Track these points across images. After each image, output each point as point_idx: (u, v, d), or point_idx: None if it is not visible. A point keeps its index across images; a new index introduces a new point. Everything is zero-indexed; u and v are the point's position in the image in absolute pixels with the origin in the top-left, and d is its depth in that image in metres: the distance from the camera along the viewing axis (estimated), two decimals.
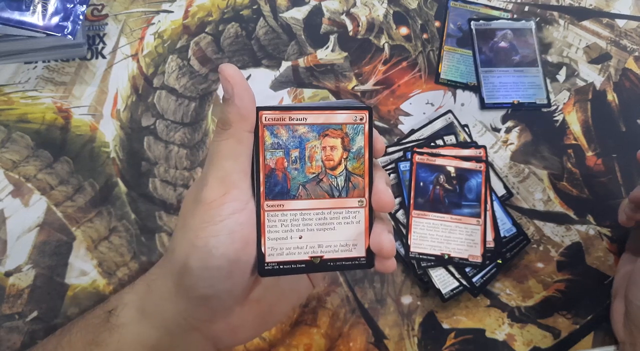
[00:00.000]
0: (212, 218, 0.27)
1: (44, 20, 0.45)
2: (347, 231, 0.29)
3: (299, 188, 0.29)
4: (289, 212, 0.29)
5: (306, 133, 0.29)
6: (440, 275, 0.46)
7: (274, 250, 0.29)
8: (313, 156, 0.29)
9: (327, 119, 0.29)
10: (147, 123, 0.49)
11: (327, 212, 0.29)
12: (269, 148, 0.28)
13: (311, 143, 0.29)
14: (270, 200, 0.29)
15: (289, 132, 0.29)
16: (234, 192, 0.27)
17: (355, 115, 0.29)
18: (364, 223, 0.30)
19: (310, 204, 0.29)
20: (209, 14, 0.54)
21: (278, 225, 0.29)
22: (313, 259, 0.29)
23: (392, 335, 0.45)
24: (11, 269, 0.44)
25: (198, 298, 0.28)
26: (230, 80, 0.27)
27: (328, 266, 0.29)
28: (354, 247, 0.30)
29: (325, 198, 0.29)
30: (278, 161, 0.29)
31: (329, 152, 0.29)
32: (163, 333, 0.29)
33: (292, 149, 0.29)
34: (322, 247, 0.29)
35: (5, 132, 0.48)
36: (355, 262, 0.30)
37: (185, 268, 0.27)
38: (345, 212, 0.29)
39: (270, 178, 0.29)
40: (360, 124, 0.29)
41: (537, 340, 0.46)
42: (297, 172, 0.29)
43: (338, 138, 0.29)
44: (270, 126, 0.28)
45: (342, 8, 0.56)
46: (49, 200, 0.46)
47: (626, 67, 0.57)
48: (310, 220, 0.29)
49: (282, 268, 0.29)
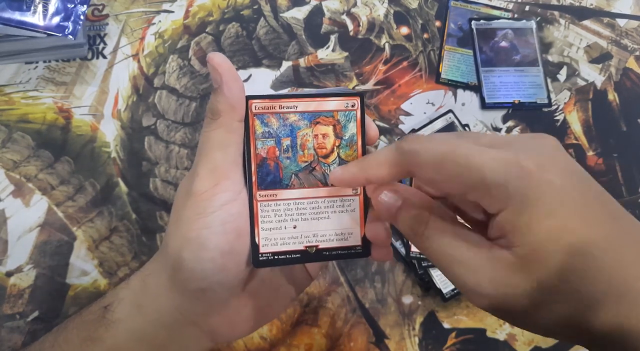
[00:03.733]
0: (204, 210, 0.26)
1: (45, 20, 0.45)
2: (342, 219, 0.29)
3: (292, 177, 0.28)
4: (282, 201, 0.28)
5: (297, 122, 0.28)
6: (441, 275, 0.46)
7: (268, 240, 0.28)
8: (305, 144, 0.28)
9: (318, 107, 0.28)
10: (148, 123, 0.50)
11: (321, 200, 0.29)
12: (259, 138, 0.28)
13: (303, 132, 0.28)
14: (263, 190, 0.28)
15: (279, 120, 0.28)
16: (225, 182, 0.27)
17: (347, 102, 0.28)
18: (359, 211, 0.29)
19: (303, 193, 0.29)
20: (210, 14, 0.54)
21: (272, 215, 0.28)
22: (308, 249, 0.29)
23: (393, 335, 0.45)
24: (12, 269, 0.44)
25: (193, 292, 0.28)
26: (218, 69, 0.26)
27: (324, 256, 0.29)
28: (350, 236, 0.29)
29: (318, 187, 0.29)
30: (269, 150, 0.28)
31: (321, 140, 0.29)
32: (159, 328, 0.29)
33: (284, 138, 0.28)
34: (317, 236, 0.29)
35: (6, 132, 0.48)
36: (352, 251, 0.29)
37: (179, 262, 0.27)
38: (340, 201, 0.29)
39: (262, 167, 0.28)
40: (352, 111, 0.29)
41: (538, 339, 0.46)
42: (289, 160, 0.28)
43: (330, 126, 0.28)
44: (260, 115, 0.28)
45: (342, 8, 0.56)
46: (50, 200, 0.46)
47: (627, 66, 0.57)
48: (304, 209, 0.29)
49: (277, 258, 0.28)
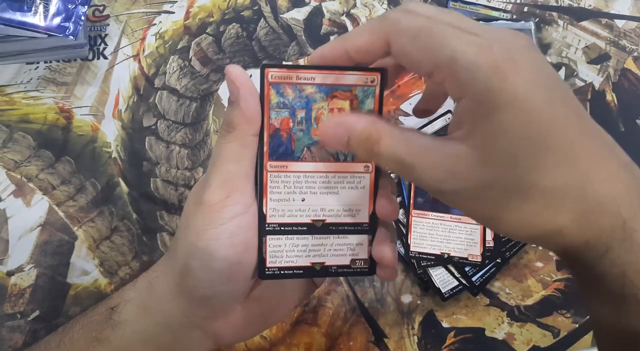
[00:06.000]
0: (214, 221, 0.27)
1: (46, 21, 0.46)
2: (351, 196, 0.29)
3: (304, 150, 0.28)
4: (292, 173, 0.28)
5: (313, 94, 0.27)
6: (440, 274, 0.46)
7: (276, 211, 0.28)
8: (319, 118, 0.28)
9: (336, 80, 0.27)
10: (149, 124, 0.50)
11: (331, 175, 0.28)
12: (274, 108, 0.27)
13: (318, 104, 0.28)
14: (274, 160, 0.28)
15: (295, 91, 0.27)
16: (236, 195, 0.27)
17: (367, 77, 0.27)
18: (368, 188, 0.29)
19: (314, 167, 0.28)
20: (210, 14, 0.54)
21: (281, 187, 0.28)
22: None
23: (392, 334, 0.45)
24: (13, 269, 0.44)
25: (199, 298, 0.28)
26: (236, 82, 0.27)
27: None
28: (357, 212, 0.29)
29: (330, 162, 0.28)
30: (283, 121, 0.27)
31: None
32: (165, 330, 0.29)
33: (298, 109, 0.27)
34: (324, 211, 0.29)
35: (7, 132, 0.48)
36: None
37: (187, 269, 0.28)
38: (350, 177, 0.29)
39: (274, 138, 0.28)
40: (371, 87, 0.28)
41: (537, 338, 0.46)
42: (302, 133, 0.28)
43: (347, 101, 0.28)
44: (276, 84, 0.27)
45: (342, 9, 0.56)
46: (51, 200, 0.46)
47: (625, 67, 0.57)
48: (314, 183, 0.28)
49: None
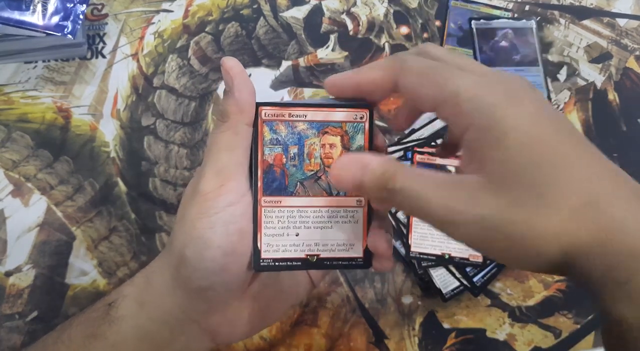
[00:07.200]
0: (208, 210, 0.27)
1: (44, 19, 0.45)
2: (345, 230, 0.29)
3: (297, 185, 0.29)
4: (286, 208, 0.29)
5: (305, 130, 0.28)
6: (440, 275, 0.46)
7: (270, 246, 0.28)
8: (312, 153, 0.29)
9: (327, 117, 0.28)
10: (147, 123, 0.49)
11: (324, 210, 0.29)
12: (267, 144, 0.28)
13: (310, 141, 0.28)
14: (268, 195, 0.28)
15: (288, 128, 0.28)
16: (230, 184, 0.27)
17: (356, 114, 0.29)
18: (362, 222, 0.29)
19: (307, 201, 0.29)
20: (209, 13, 0.54)
21: (275, 221, 0.28)
22: (309, 257, 0.29)
23: (393, 335, 0.45)
24: (11, 269, 0.44)
25: (195, 290, 0.28)
26: (230, 73, 0.27)
27: (324, 265, 0.29)
28: (351, 247, 0.29)
29: (323, 196, 0.29)
30: (276, 157, 0.28)
31: (328, 150, 0.29)
32: (161, 326, 0.29)
33: (291, 146, 0.28)
34: (318, 246, 0.29)
35: (5, 131, 0.48)
36: (353, 262, 0.29)
37: (182, 259, 0.27)
38: (343, 211, 0.29)
39: (268, 174, 0.28)
40: (361, 123, 0.29)
41: (538, 339, 0.46)
42: (295, 168, 0.28)
43: (337, 136, 0.29)
44: (269, 122, 0.28)
45: (342, 7, 0.56)
46: (49, 200, 0.46)
47: (627, 66, 0.57)
48: (307, 217, 0.29)
49: (278, 264, 0.29)
